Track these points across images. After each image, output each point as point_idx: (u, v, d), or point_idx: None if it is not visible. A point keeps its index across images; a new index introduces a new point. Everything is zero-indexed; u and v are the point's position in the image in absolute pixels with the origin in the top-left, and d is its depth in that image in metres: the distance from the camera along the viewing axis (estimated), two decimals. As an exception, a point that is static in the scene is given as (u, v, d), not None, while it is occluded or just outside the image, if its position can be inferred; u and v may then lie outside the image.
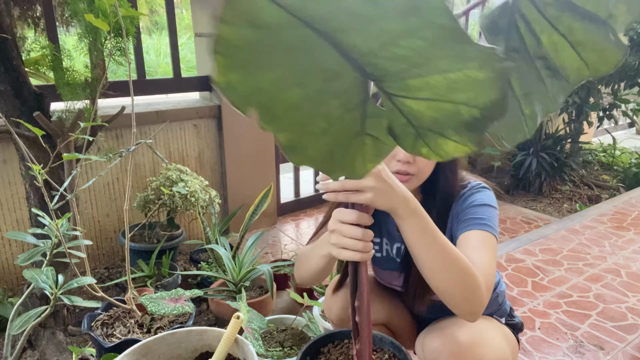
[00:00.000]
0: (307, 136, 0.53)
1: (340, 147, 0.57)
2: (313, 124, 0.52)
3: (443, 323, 1.04)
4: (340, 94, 0.51)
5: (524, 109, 0.65)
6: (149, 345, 1.07)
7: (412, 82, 0.50)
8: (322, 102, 0.50)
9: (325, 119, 0.53)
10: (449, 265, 0.83)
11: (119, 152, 1.42)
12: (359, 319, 0.80)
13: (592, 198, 3.76)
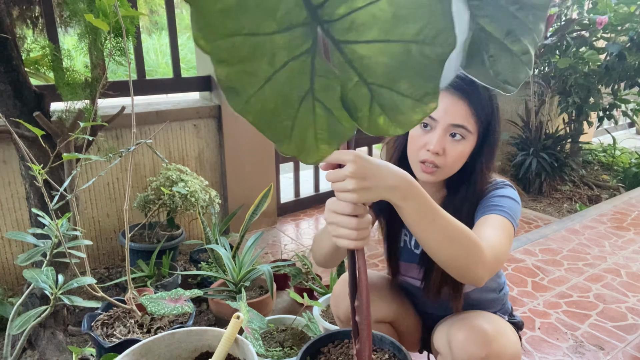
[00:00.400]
0: (248, 77, 0.52)
1: (286, 105, 0.57)
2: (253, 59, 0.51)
3: (464, 316, 1.06)
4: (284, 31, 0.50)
5: (511, 47, 0.66)
6: (148, 345, 1.07)
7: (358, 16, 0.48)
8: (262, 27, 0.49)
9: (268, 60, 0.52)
10: (451, 239, 0.84)
11: (119, 152, 1.42)
12: (358, 319, 0.80)
13: (592, 198, 3.76)
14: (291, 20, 0.49)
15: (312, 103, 0.57)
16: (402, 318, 1.25)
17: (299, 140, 0.61)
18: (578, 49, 3.61)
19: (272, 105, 0.56)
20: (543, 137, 3.88)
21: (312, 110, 0.58)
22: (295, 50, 0.52)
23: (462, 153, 1.04)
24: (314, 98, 0.57)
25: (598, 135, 5.47)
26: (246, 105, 0.55)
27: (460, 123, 1.01)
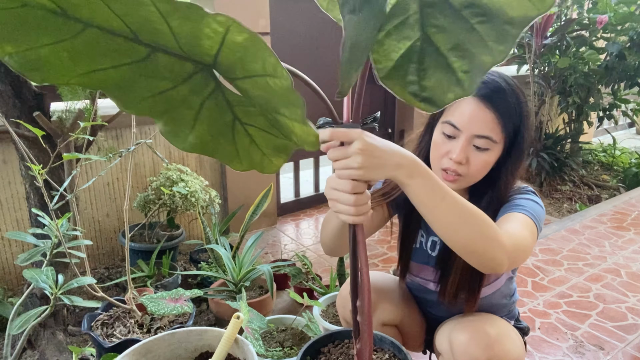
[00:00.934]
0: (178, 122, 0.62)
1: (221, 135, 0.65)
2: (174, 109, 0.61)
3: (468, 318, 1.05)
4: (182, 83, 0.59)
5: (452, 63, 0.61)
6: (149, 345, 1.07)
7: (224, 59, 0.55)
8: (161, 87, 0.58)
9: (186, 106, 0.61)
10: (462, 219, 0.81)
11: (119, 152, 1.42)
12: (360, 319, 0.80)
13: (592, 198, 3.76)
14: (180, 74, 0.58)
15: (243, 128, 0.65)
16: (407, 320, 1.24)
17: (248, 159, 0.68)
18: (578, 49, 3.61)
19: (209, 138, 0.65)
20: (543, 137, 3.88)
21: (246, 133, 0.66)
22: (204, 92, 0.61)
23: (487, 163, 1.00)
24: (242, 123, 0.65)
25: (598, 135, 5.47)
26: (187, 143, 0.64)
27: (485, 134, 0.97)
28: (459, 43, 0.60)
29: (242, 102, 0.62)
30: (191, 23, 0.50)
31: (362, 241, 0.77)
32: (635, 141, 5.67)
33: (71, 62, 0.52)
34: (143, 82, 0.57)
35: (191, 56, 0.56)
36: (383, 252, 2.60)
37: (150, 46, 0.54)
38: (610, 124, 5.13)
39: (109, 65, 0.54)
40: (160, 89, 0.59)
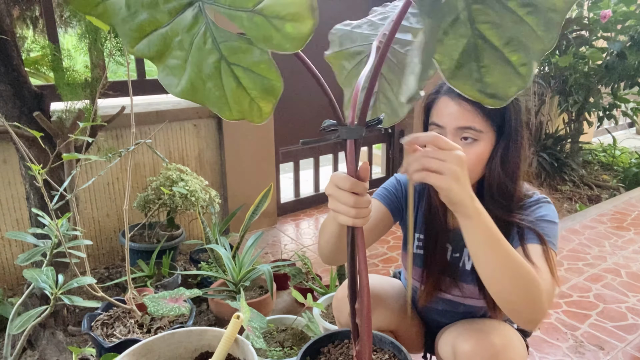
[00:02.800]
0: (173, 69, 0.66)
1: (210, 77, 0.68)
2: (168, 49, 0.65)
3: (472, 326, 1.03)
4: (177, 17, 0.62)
5: (509, 57, 0.62)
6: (149, 345, 1.07)
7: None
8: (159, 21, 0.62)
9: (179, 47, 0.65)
10: (512, 270, 0.81)
11: (118, 152, 1.42)
12: (359, 321, 0.80)
13: (592, 198, 3.76)
14: (174, 7, 0.62)
15: (230, 68, 0.67)
16: (405, 325, 1.22)
17: (236, 105, 0.70)
18: (578, 49, 3.61)
19: (200, 82, 0.67)
20: (543, 137, 3.88)
21: (232, 75, 0.68)
22: (193, 30, 0.64)
23: (479, 155, 0.99)
24: (229, 63, 0.67)
25: (598, 135, 5.47)
26: (179, 88, 0.67)
27: (466, 125, 0.97)
28: (512, 37, 0.61)
29: (229, 37, 0.65)
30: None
31: (361, 244, 0.77)
32: (635, 141, 5.67)
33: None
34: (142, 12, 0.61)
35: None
36: (383, 252, 2.60)
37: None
38: (610, 124, 5.14)
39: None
40: (157, 24, 0.62)
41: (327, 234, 0.99)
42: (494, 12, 0.60)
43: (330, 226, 0.97)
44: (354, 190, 0.75)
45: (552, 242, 0.99)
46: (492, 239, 0.80)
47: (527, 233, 0.99)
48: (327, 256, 1.04)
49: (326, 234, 0.99)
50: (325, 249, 1.02)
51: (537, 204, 1.04)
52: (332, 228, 0.96)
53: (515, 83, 0.63)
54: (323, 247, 1.03)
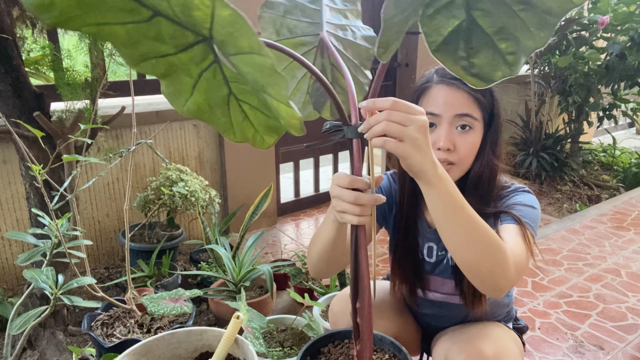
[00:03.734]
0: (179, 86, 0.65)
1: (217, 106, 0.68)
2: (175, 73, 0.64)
3: (466, 335, 1.03)
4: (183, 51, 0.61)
5: (498, 44, 0.63)
6: (149, 345, 1.07)
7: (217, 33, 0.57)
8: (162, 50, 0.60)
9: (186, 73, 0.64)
10: (476, 236, 0.80)
11: (119, 152, 1.42)
12: (360, 321, 0.80)
13: (592, 198, 3.76)
14: (181, 42, 0.60)
15: (238, 104, 0.68)
16: (402, 332, 1.20)
17: (240, 133, 0.71)
18: (578, 49, 3.61)
19: (207, 107, 0.68)
20: (543, 137, 3.88)
21: (240, 110, 0.69)
22: (202, 64, 0.63)
23: (473, 144, 0.99)
24: (237, 100, 0.68)
25: (598, 135, 5.47)
26: (184, 107, 0.67)
27: (465, 112, 0.96)
28: (504, 27, 0.62)
29: (238, 79, 0.65)
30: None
31: (363, 244, 0.77)
32: (635, 141, 5.67)
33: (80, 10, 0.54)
34: (145, 43, 0.59)
35: (189, 26, 0.58)
36: (383, 252, 2.60)
37: (152, 9, 0.56)
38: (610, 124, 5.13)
39: (116, 21, 0.56)
40: (162, 53, 0.61)
41: (321, 242, 0.96)
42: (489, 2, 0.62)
43: (325, 232, 0.94)
44: (354, 187, 0.74)
45: (530, 225, 0.98)
46: (455, 205, 0.78)
47: (502, 216, 0.99)
48: (318, 267, 1.01)
49: (320, 242, 0.96)
50: (317, 258, 0.99)
51: (514, 192, 1.05)
52: (328, 234, 0.93)
53: (501, 69, 0.64)
54: (314, 257, 1.00)
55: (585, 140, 4.31)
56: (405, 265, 1.14)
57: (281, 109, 0.62)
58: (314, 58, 0.90)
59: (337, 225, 0.89)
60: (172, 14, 0.56)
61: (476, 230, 0.80)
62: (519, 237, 0.94)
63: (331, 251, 0.94)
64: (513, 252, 0.88)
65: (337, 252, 0.95)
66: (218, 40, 0.59)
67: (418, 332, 1.27)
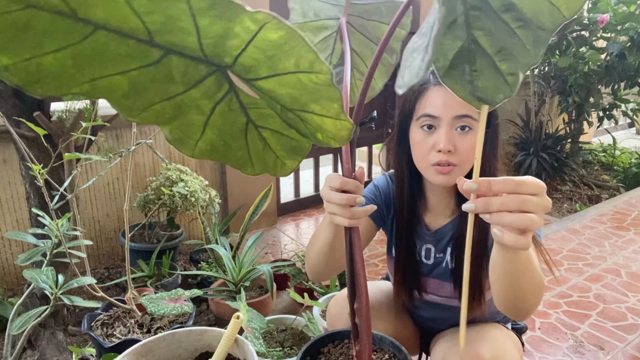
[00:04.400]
0: (187, 128, 0.59)
1: (233, 139, 0.63)
2: (183, 115, 0.58)
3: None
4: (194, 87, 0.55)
5: (499, 65, 0.63)
6: (149, 345, 1.07)
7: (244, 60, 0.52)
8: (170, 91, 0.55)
9: (196, 112, 0.58)
10: (534, 287, 0.78)
11: (119, 152, 1.42)
12: (358, 321, 0.80)
13: (592, 198, 3.76)
14: (193, 77, 0.54)
15: (257, 131, 0.64)
16: (400, 333, 1.20)
17: (260, 163, 0.67)
18: (578, 49, 3.61)
19: (221, 143, 0.63)
20: (543, 137, 3.88)
21: (260, 137, 0.65)
22: (216, 96, 0.58)
23: (474, 145, 0.97)
24: (256, 127, 0.63)
25: (598, 135, 5.48)
26: (196, 149, 0.61)
27: (464, 113, 0.95)
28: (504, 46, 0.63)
29: (258, 104, 0.60)
30: (223, 22, 0.47)
31: (357, 245, 0.77)
32: (635, 141, 5.67)
33: (75, 69, 0.48)
34: (151, 88, 0.53)
35: (209, 57, 0.53)
36: (382, 252, 2.60)
37: (165, 48, 0.50)
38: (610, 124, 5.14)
39: (116, 72, 0.50)
40: (169, 94, 0.55)
41: (318, 245, 0.96)
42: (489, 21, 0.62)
43: (322, 235, 0.94)
44: (345, 188, 0.75)
45: (537, 234, 0.98)
46: (529, 267, 0.74)
47: None
48: (316, 270, 1.00)
49: (317, 244, 0.96)
50: (315, 261, 0.98)
51: None
52: (324, 237, 0.92)
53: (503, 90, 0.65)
54: (312, 260, 0.99)
55: (585, 140, 4.31)
56: (403, 267, 1.13)
57: (326, 123, 0.59)
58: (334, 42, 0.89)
59: (333, 227, 0.89)
60: (193, 49, 0.50)
61: (533, 283, 0.77)
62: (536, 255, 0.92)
63: (329, 253, 0.94)
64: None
65: (335, 254, 0.94)
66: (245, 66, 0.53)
67: (416, 333, 1.26)
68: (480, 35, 0.63)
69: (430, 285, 1.14)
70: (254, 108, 0.61)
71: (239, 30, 0.48)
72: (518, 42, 0.62)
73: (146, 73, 0.51)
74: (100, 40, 0.47)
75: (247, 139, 0.64)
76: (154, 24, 0.47)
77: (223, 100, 0.58)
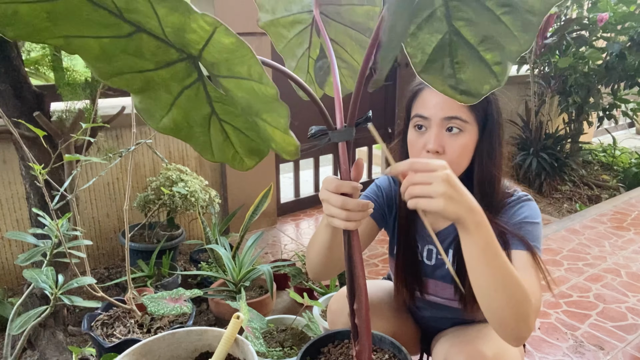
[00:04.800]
0: (154, 102, 0.62)
1: (196, 124, 0.66)
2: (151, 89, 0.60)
3: (465, 337, 1.02)
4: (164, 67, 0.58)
5: (483, 55, 0.61)
6: (149, 345, 1.07)
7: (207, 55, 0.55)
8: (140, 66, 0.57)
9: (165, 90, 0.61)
10: (506, 285, 0.79)
11: (119, 152, 1.42)
12: (358, 321, 0.80)
13: (592, 198, 3.76)
14: (163, 59, 0.57)
15: (220, 124, 0.66)
16: (401, 332, 1.20)
17: (220, 153, 0.69)
18: (578, 49, 3.61)
19: (185, 124, 0.65)
20: (543, 137, 3.88)
21: (222, 130, 0.67)
22: (184, 81, 0.61)
23: (465, 146, 0.97)
24: (219, 120, 0.65)
25: (598, 135, 5.48)
26: (160, 124, 0.64)
27: (453, 114, 0.95)
28: (488, 35, 0.61)
29: (223, 99, 0.62)
30: (178, 15, 0.50)
31: (357, 245, 0.77)
32: (635, 141, 5.67)
33: (49, 22, 0.51)
34: (121, 58, 0.56)
35: (176, 45, 0.56)
36: (383, 252, 2.60)
37: (135, 26, 0.53)
38: (610, 124, 5.14)
39: (89, 35, 0.53)
40: (139, 68, 0.58)
41: (317, 245, 0.96)
42: (471, 10, 0.60)
43: (321, 236, 0.94)
44: (341, 191, 0.74)
45: (537, 246, 0.97)
46: (490, 251, 0.78)
47: (511, 239, 0.97)
48: (317, 270, 1.01)
49: (316, 245, 0.96)
50: (315, 261, 0.99)
51: (518, 203, 1.02)
52: (323, 238, 0.93)
53: (489, 81, 0.63)
54: (313, 259, 1.00)
55: (585, 140, 4.31)
56: (404, 267, 1.13)
57: (276, 135, 0.61)
58: (310, 36, 0.88)
59: (331, 229, 0.89)
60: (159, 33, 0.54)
61: (508, 278, 0.79)
62: (533, 272, 0.93)
63: (328, 254, 0.95)
64: (534, 296, 0.87)
65: (334, 255, 0.95)
66: (208, 61, 0.56)
67: (417, 333, 1.26)
68: (462, 25, 0.61)
69: (431, 286, 1.14)
70: (220, 102, 0.63)
71: (196, 27, 0.51)
72: (504, 29, 0.60)
73: (117, 43, 0.55)
74: (73, 2, 0.50)
75: (209, 128, 0.66)
76: (119, 2, 0.50)
77: (191, 87, 0.61)
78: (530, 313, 0.82)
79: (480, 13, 0.60)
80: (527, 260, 0.94)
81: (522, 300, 0.81)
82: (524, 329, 0.82)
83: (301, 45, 0.89)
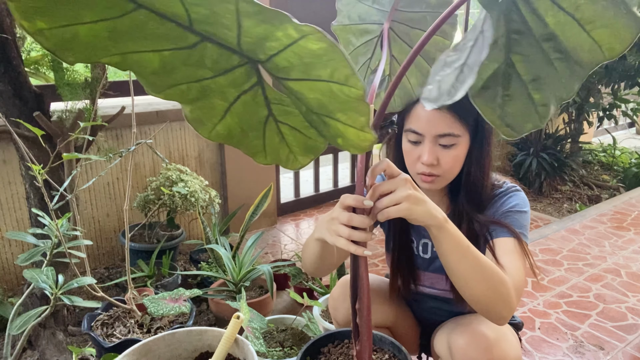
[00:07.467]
0: (208, 110, 0.61)
1: (251, 128, 0.65)
2: (206, 98, 0.59)
3: (465, 321, 1.05)
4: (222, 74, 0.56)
5: (532, 93, 0.62)
6: (149, 345, 1.07)
7: (278, 60, 0.54)
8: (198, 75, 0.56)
9: (220, 97, 0.59)
10: (481, 274, 0.86)
11: (119, 152, 1.42)
12: (359, 321, 0.80)
13: (592, 198, 3.76)
14: (223, 66, 0.56)
15: (276, 125, 0.65)
16: (400, 322, 1.24)
17: (273, 154, 0.69)
18: (578, 49, 3.61)
19: (239, 130, 0.64)
20: (543, 137, 3.88)
21: (278, 131, 0.66)
22: (243, 86, 0.59)
23: (457, 157, 1.02)
24: (277, 121, 0.65)
25: (598, 135, 5.47)
26: (213, 132, 0.63)
27: (446, 132, 0.99)
28: (540, 76, 0.62)
29: (283, 101, 0.62)
30: (267, 26, 0.48)
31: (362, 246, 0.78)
32: (635, 141, 5.67)
33: (110, 42, 0.48)
34: (181, 69, 0.54)
35: (244, 52, 0.53)
36: (383, 252, 2.60)
37: (201, 35, 0.51)
38: (610, 124, 5.14)
39: (149, 49, 0.50)
40: (197, 78, 0.56)
41: (309, 253, 1.00)
42: (529, 47, 0.61)
43: (311, 248, 0.98)
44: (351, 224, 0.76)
45: (523, 233, 1.02)
46: (461, 247, 0.84)
47: (497, 228, 1.02)
48: (311, 270, 1.05)
49: (309, 252, 1.01)
50: (308, 264, 1.04)
51: (507, 194, 1.07)
52: (314, 250, 0.97)
53: (532, 120, 0.64)
54: (306, 262, 1.05)
55: (585, 140, 4.31)
56: (398, 260, 1.17)
57: (348, 132, 0.61)
58: (375, 47, 0.91)
59: (321, 244, 0.93)
60: (231, 42, 0.51)
61: (482, 267, 0.86)
62: (516, 256, 0.98)
63: (320, 262, 0.99)
64: (514, 279, 0.93)
65: (327, 261, 0.99)
66: (280, 66, 0.54)
67: (416, 328, 1.29)
68: (518, 60, 0.62)
69: (427, 278, 1.18)
70: (278, 104, 0.63)
71: (281, 35, 0.49)
72: (555, 73, 0.61)
73: (179, 55, 0.52)
74: (139, 19, 0.47)
75: (265, 130, 0.66)
76: (198, 14, 0.48)
77: (249, 91, 0.60)
78: (510, 294, 0.89)
79: (537, 52, 0.61)
80: (512, 247, 0.99)
81: (499, 284, 0.87)
82: (506, 309, 0.90)
83: (365, 54, 0.92)
